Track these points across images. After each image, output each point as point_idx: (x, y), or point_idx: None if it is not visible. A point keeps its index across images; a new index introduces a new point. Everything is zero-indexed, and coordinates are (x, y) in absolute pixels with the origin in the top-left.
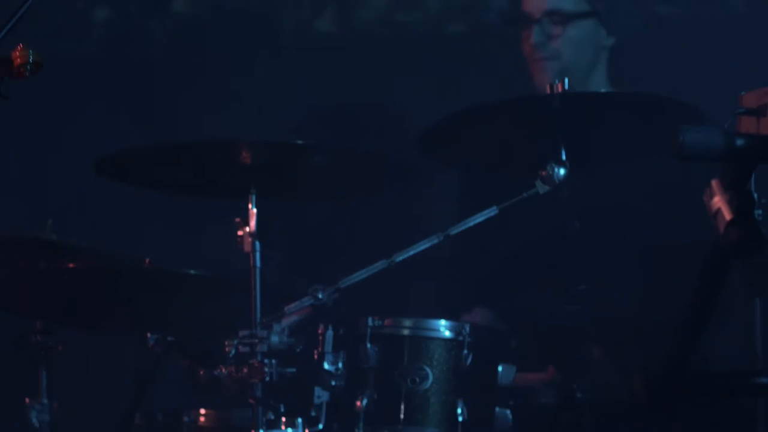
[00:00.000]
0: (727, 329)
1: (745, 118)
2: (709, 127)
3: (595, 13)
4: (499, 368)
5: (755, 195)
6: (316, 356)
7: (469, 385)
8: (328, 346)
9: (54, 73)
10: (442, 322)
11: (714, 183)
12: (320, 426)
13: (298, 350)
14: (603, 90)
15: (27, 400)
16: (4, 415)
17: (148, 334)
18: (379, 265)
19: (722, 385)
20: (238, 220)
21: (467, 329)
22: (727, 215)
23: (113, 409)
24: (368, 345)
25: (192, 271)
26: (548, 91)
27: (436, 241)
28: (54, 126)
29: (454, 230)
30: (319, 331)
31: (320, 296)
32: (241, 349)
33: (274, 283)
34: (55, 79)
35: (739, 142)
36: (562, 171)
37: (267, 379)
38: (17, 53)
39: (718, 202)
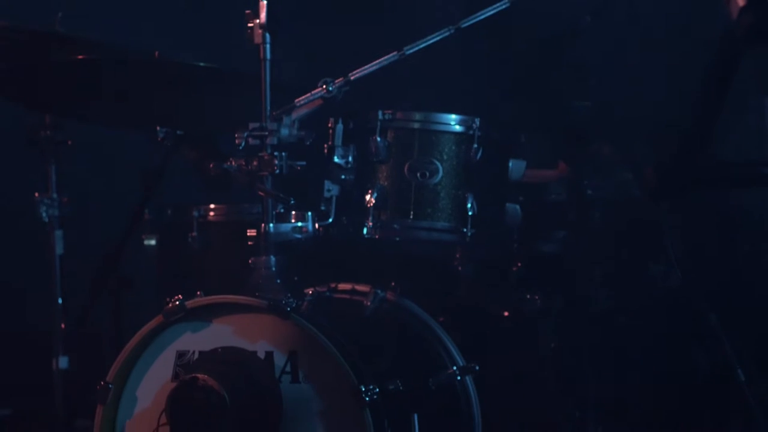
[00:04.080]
0: (739, 126)
1: None
2: None
3: None
4: (510, 163)
5: None
6: (326, 150)
7: (479, 180)
8: (338, 140)
9: None
10: (453, 116)
11: None
12: (330, 219)
13: (307, 143)
14: None
15: (36, 194)
16: (15, 210)
17: (158, 128)
18: (390, 57)
19: (733, 175)
20: (248, 12)
21: (477, 123)
22: (741, 1)
23: (123, 203)
24: (378, 138)
25: (201, 63)
26: None
27: (447, 33)
28: None
29: (466, 23)
30: (329, 125)
31: (330, 89)
32: (251, 141)
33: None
34: None
35: None
36: None
37: (277, 171)
38: None
39: None
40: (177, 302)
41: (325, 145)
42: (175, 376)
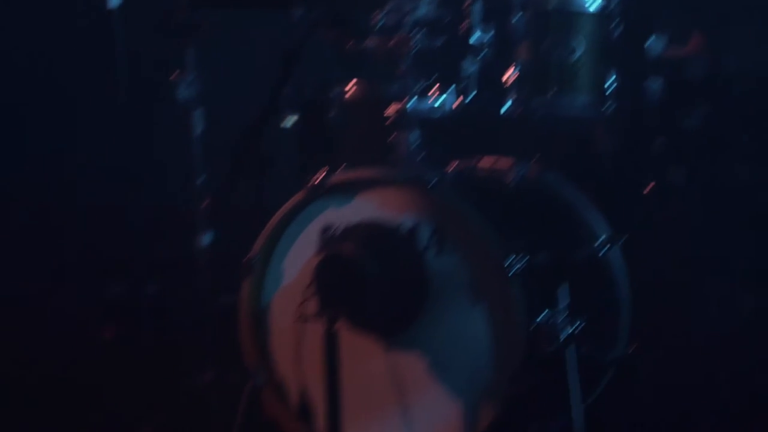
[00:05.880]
0: None
1: None
2: None
3: None
4: (649, 39)
5: None
6: (464, 28)
7: (618, 56)
8: (477, 19)
9: None
10: None
11: None
12: (470, 97)
13: (446, 21)
14: None
15: (175, 74)
16: (152, 92)
17: (295, 8)
18: None
19: None
20: None
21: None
22: None
23: (261, 84)
24: (516, 17)
25: None
26: None
27: None
28: None
29: None
30: (467, 3)
31: None
32: (389, 20)
33: None
34: None
35: None
36: None
37: (414, 50)
38: None
39: None
40: (321, 177)
41: (464, 24)
42: (320, 249)
